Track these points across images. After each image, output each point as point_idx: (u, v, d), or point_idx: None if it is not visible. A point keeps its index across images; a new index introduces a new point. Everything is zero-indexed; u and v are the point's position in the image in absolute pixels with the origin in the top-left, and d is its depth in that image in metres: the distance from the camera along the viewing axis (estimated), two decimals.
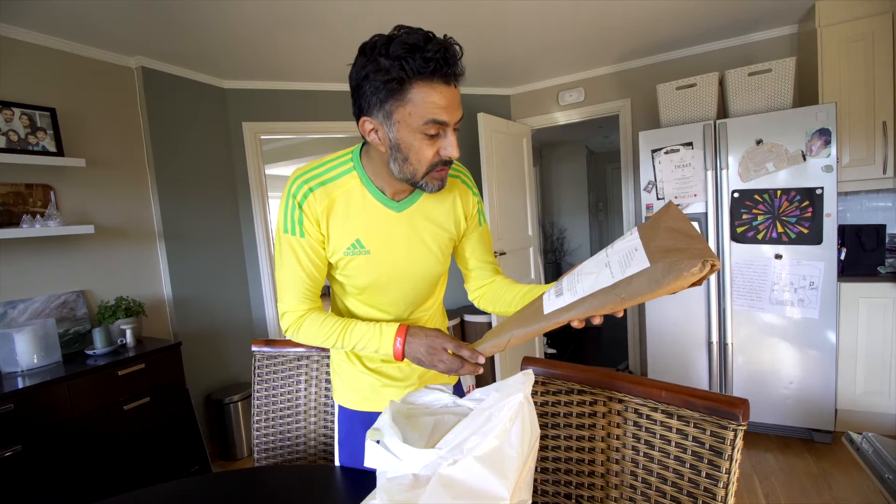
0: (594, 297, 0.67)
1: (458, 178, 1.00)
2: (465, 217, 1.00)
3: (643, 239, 0.67)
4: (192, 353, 2.59)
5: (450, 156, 0.80)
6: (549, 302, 0.74)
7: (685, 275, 0.58)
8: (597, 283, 0.67)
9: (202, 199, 2.74)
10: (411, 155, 0.80)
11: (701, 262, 0.57)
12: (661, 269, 0.60)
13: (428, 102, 0.75)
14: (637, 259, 0.64)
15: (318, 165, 0.90)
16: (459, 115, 0.79)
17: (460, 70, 0.77)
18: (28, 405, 1.67)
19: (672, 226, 0.67)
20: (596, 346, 4.38)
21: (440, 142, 0.79)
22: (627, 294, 0.63)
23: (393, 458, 0.63)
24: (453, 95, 0.77)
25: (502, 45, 2.71)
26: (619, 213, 4.82)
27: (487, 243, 1.08)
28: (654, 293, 0.61)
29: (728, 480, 0.74)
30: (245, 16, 2.08)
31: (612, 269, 0.67)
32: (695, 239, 0.63)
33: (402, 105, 0.75)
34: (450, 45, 0.74)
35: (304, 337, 0.94)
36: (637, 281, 0.63)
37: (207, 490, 1.03)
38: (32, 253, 2.05)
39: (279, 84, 3.01)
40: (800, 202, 2.23)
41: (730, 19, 2.57)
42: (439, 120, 0.76)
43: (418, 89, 0.74)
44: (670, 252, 0.61)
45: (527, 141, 3.56)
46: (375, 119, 0.79)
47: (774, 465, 2.21)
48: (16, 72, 2.03)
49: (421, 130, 0.77)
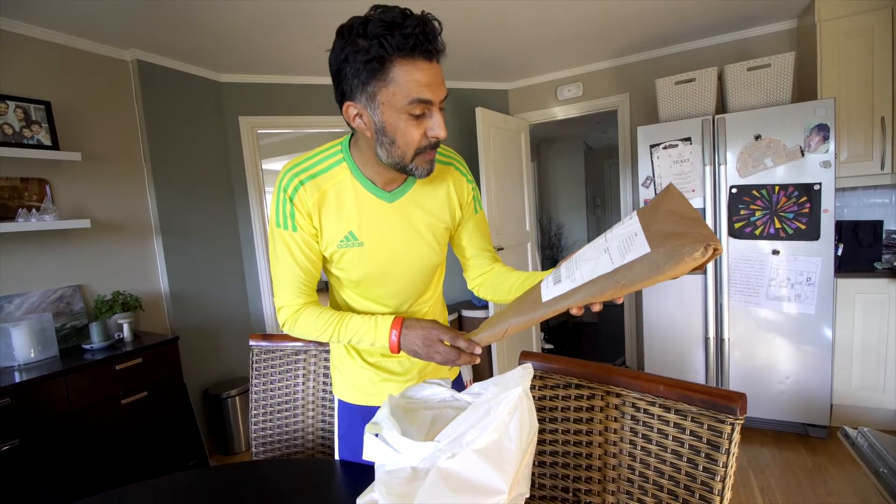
0: (593, 284, 0.65)
1: (451, 164, 0.97)
2: (459, 205, 0.99)
3: (643, 223, 0.65)
4: (190, 347, 2.59)
5: (437, 136, 0.78)
6: (548, 289, 0.72)
7: (687, 259, 0.57)
8: (596, 270, 0.66)
9: (199, 193, 2.73)
10: (398, 137, 0.78)
11: (703, 247, 0.56)
12: (662, 255, 0.59)
13: (411, 81, 0.73)
14: (637, 244, 0.63)
15: (308, 158, 0.88)
16: (444, 92, 0.77)
17: (441, 46, 0.75)
18: (25, 400, 1.67)
19: (672, 209, 0.65)
20: (593, 341, 4.39)
21: (426, 122, 0.77)
22: (628, 280, 0.62)
23: (391, 451, 0.63)
24: (436, 72, 0.75)
25: (500, 39, 2.70)
26: (617, 208, 4.83)
27: (485, 231, 1.06)
28: (654, 278, 0.60)
29: (725, 474, 0.74)
30: (242, 9, 2.06)
31: (612, 255, 0.65)
32: (696, 222, 0.61)
33: (385, 85, 0.73)
34: (428, 20, 0.72)
35: (300, 331, 0.93)
36: (638, 266, 0.61)
37: (205, 484, 1.03)
38: (28, 247, 2.04)
39: (276, 78, 2.99)
40: (798, 198, 2.23)
41: (729, 14, 2.56)
42: (424, 98, 0.74)
43: (400, 67, 0.72)
44: (671, 237, 0.60)
45: (525, 136, 3.55)
46: (359, 103, 0.77)
47: (770, 459, 2.22)
48: (10, 65, 2.01)
49: (406, 111, 0.75)
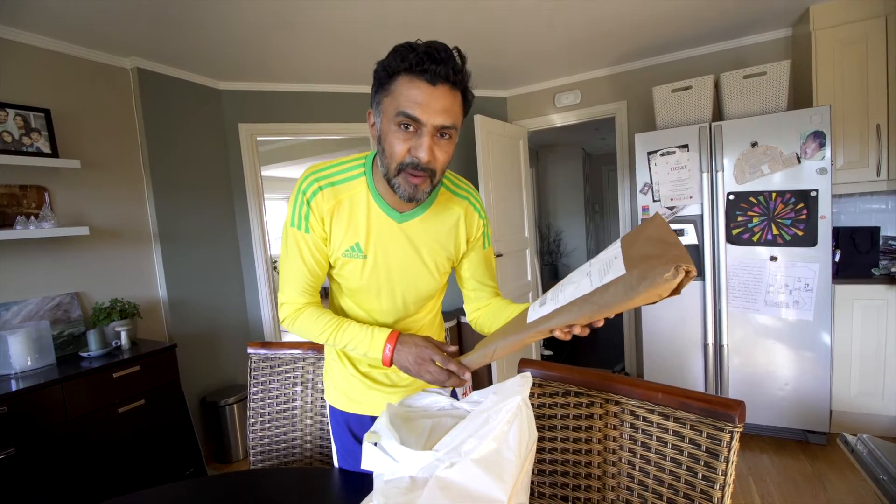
0: (573, 306, 0.67)
1: (466, 199, 0.98)
2: (467, 239, 0.99)
3: (623, 248, 0.67)
4: (188, 355, 2.57)
5: (417, 156, 0.77)
6: (533, 311, 0.74)
7: (659, 281, 0.57)
8: (577, 292, 0.67)
9: (198, 200, 2.73)
10: (387, 147, 0.80)
11: (674, 268, 0.56)
12: (636, 276, 0.60)
13: (405, 95, 0.75)
14: (615, 267, 0.64)
15: (331, 165, 0.90)
16: (440, 119, 0.75)
17: (450, 74, 0.74)
18: (22, 408, 1.66)
19: (652, 235, 0.67)
20: (592, 347, 4.39)
21: (413, 140, 0.77)
22: (604, 301, 0.63)
23: (390, 460, 0.63)
24: (434, 97, 0.74)
25: (499, 47, 2.71)
26: (616, 214, 4.83)
27: (490, 266, 1.06)
28: (630, 301, 0.60)
29: (724, 482, 0.74)
30: (241, 17, 2.07)
31: (592, 278, 0.67)
32: (672, 246, 0.62)
33: (386, 95, 0.77)
34: (442, 45, 0.74)
35: (298, 329, 0.95)
36: (613, 288, 0.62)
37: (203, 493, 1.02)
38: (26, 255, 2.04)
39: (275, 85, 3.00)
40: (794, 204, 2.24)
41: (724, 22, 2.59)
42: (410, 114, 0.74)
43: (400, 81, 0.75)
44: (646, 259, 0.61)
45: (523, 143, 3.57)
46: (374, 111, 0.82)
47: (770, 466, 2.21)
48: (10, 73, 2.01)
49: (395, 121, 0.77)
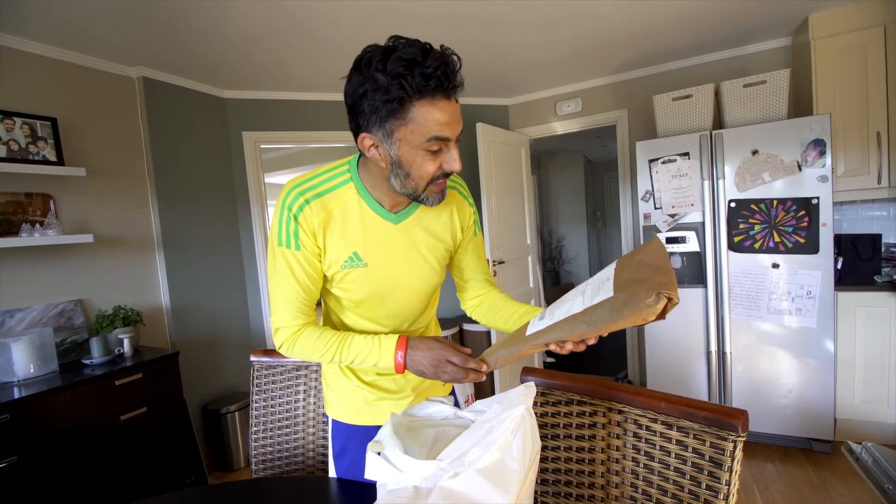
0: (566, 323, 0.68)
1: (454, 189, 0.99)
2: (461, 228, 1.00)
3: (617, 270, 0.68)
4: (190, 362, 2.58)
5: (452, 169, 0.80)
6: (533, 325, 0.76)
7: (641, 306, 0.58)
8: (571, 310, 0.69)
9: (201, 208, 2.74)
10: (413, 171, 0.79)
11: (655, 295, 0.57)
12: (621, 300, 0.61)
13: (430, 120, 0.73)
14: (606, 288, 0.65)
15: (314, 176, 0.87)
16: (460, 128, 0.78)
17: (460, 81, 0.75)
18: (24, 415, 1.66)
19: (645, 259, 0.67)
20: (595, 355, 4.37)
21: (442, 156, 0.79)
22: (592, 322, 0.64)
23: (394, 469, 0.63)
24: (454, 109, 0.76)
25: (500, 56, 2.74)
26: (617, 222, 4.84)
27: (482, 254, 1.08)
28: (616, 323, 0.61)
29: (728, 492, 0.74)
30: (245, 26, 2.10)
31: (585, 297, 0.68)
32: (660, 272, 0.63)
33: (404, 124, 0.74)
34: (448, 57, 0.72)
35: (299, 352, 0.91)
36: (600, 310, 0.63)
37: (204, 502, 1.02)
38: (31, 262, 2.05)
39: (279, 94, 3.03)
40: (796, 212, 2.24)
41: (725, 32, 2.60)
42: (442, 136, 0.75)
43: (420, 107, 0.72)
44: (633, 283, 0.62)
45: (525, 150, 3.59)
46: (375, 136, 0.77)
47: (774, 474, 2.20)
48: (17, 82, 2.04)
49: (423, 147, 0.76)
